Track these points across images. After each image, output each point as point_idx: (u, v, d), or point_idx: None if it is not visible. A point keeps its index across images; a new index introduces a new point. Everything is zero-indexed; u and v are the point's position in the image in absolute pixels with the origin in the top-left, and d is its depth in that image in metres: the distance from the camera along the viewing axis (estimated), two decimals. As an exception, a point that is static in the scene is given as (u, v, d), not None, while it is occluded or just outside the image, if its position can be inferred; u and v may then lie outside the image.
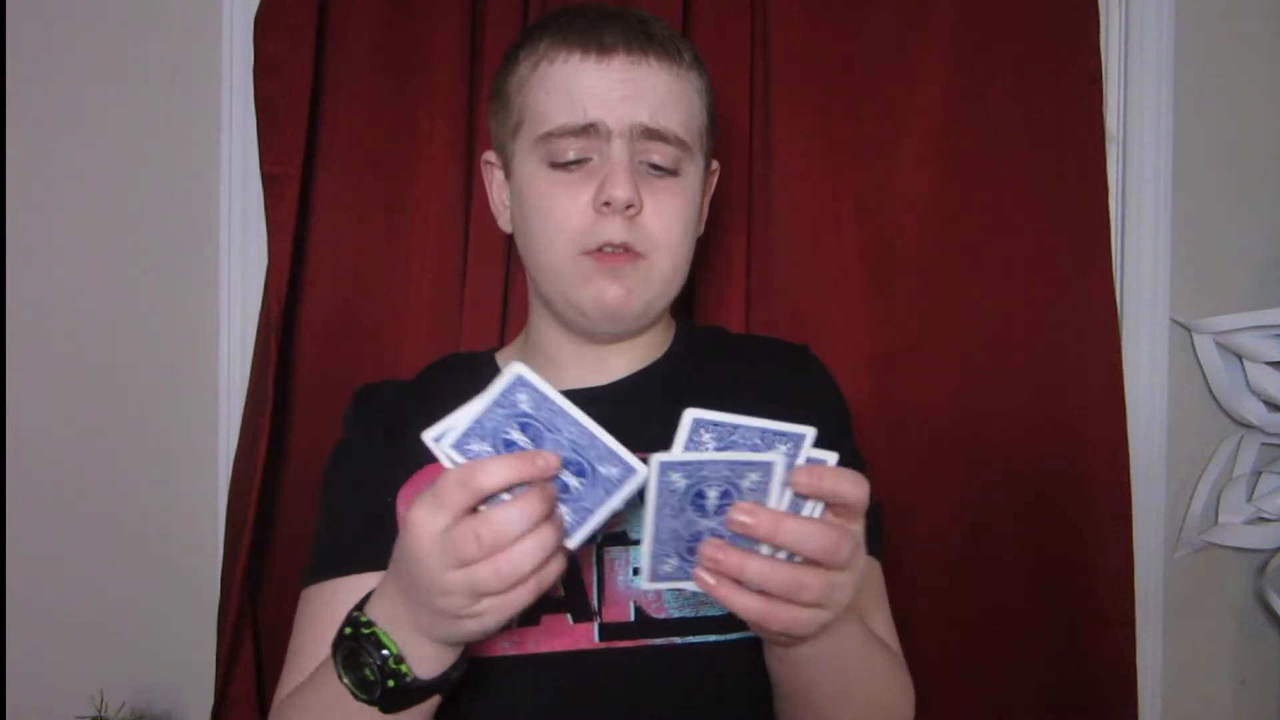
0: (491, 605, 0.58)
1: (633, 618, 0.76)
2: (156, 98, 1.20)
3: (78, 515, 1.17)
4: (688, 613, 0.76)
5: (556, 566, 0.59)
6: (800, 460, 0.59)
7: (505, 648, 0.75)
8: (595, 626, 0.75)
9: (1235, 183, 1.28)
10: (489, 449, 0.59)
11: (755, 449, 0.59)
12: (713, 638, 0.76)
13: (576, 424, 0.58)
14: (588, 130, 0.78)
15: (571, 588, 0.76)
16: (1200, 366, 1.28)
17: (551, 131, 0.79)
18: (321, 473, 0.88)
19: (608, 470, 0.59)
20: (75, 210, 1.17)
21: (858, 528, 0.61)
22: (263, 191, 1.13)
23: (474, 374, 0.89)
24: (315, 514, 0.87)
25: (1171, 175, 1.26)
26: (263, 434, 1.09)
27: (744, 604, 0.59)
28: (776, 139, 1.17)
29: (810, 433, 0.59)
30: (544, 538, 0.57)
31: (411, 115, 1.16)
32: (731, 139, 1.17)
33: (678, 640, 0.76)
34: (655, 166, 0.80)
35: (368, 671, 0.64)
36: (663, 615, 0.76)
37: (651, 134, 0.79)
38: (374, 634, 0.64)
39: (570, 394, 0.82)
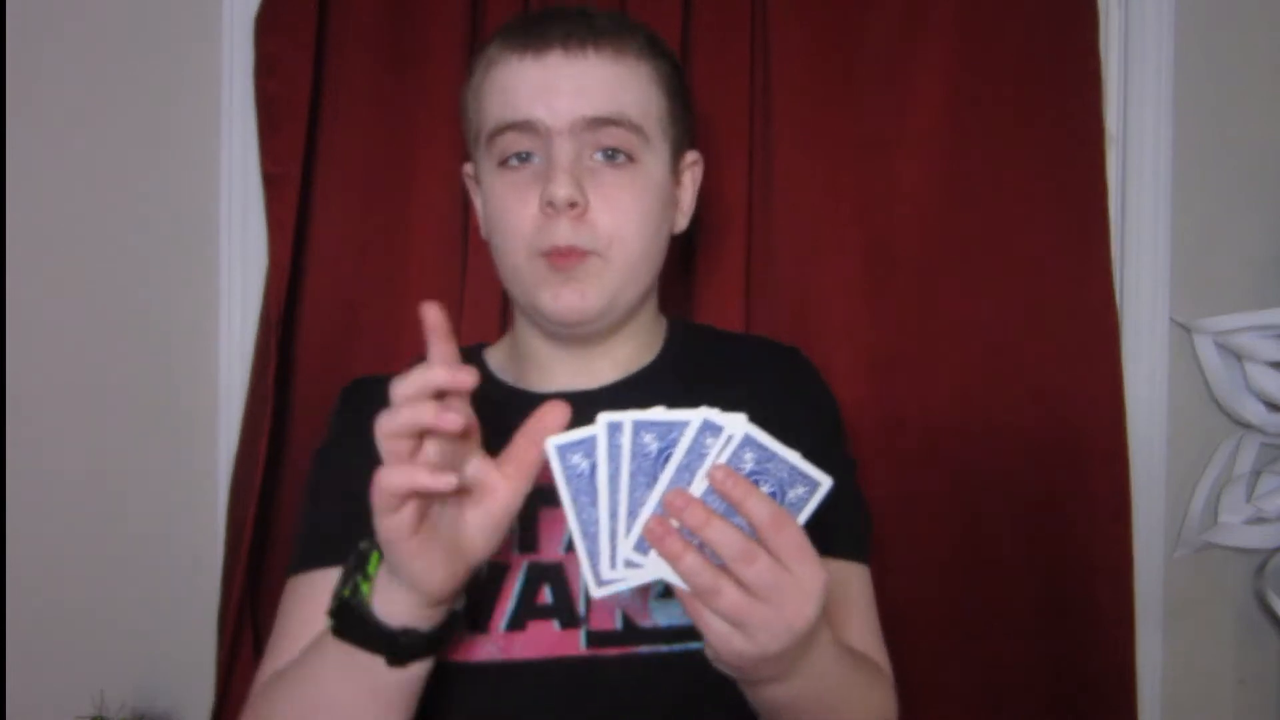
0: (387, 477, 0.58)
1: (619, 625, 0.75)
2: (156, 97, 1.20)
3: (78, 515, 1.17)
4: (675, 621, 0.75)
5: (426, 478, 0.57)
6: (812, 505, 0.61)
7: (491, 653, 0.75)
8: (582, 633, 0.75)
9: (1235, 183, 1.28)
10: (656, 447, 0.60)
11: (780, 482, 0.60)
12: (699, 645, 0.76)
13: (769, 453, 0.59)
14: (525, 127, 0.77)
15: (559, 594, 0.76)
16: (1200, 366, 1.28)
17: (492, 130, 0.79)
18: (309, 467, 0.87)
19: (795, 493, 0.61)
20: (75, 210, 1.16)
21: (802, 579, 0.59)
22: (263, 191, 1.13)
23: None
24: (301, 506, 0.86)
25: (1171, 175, 1.26)
26: (263, 434, 1.09)
27: (692, 563, 0.58)
28: (776, 139, 1.17)
29: (828, 483, 0.60)
30: (421, 409, 0.57)
31: (411, 115, 1.16)
32: (731, 139, 1.17)
33: (664, 648, 0.75)
34: (610, 156, 0.79)
35: (344, 576, 0.66)
36: (649, 623, 0.75)
37: (599, 122, 0.77)
38: (368, 552, 0.66)
39: (560, 396, 0.82)
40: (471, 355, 0.92)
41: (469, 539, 0.63)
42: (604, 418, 0.59)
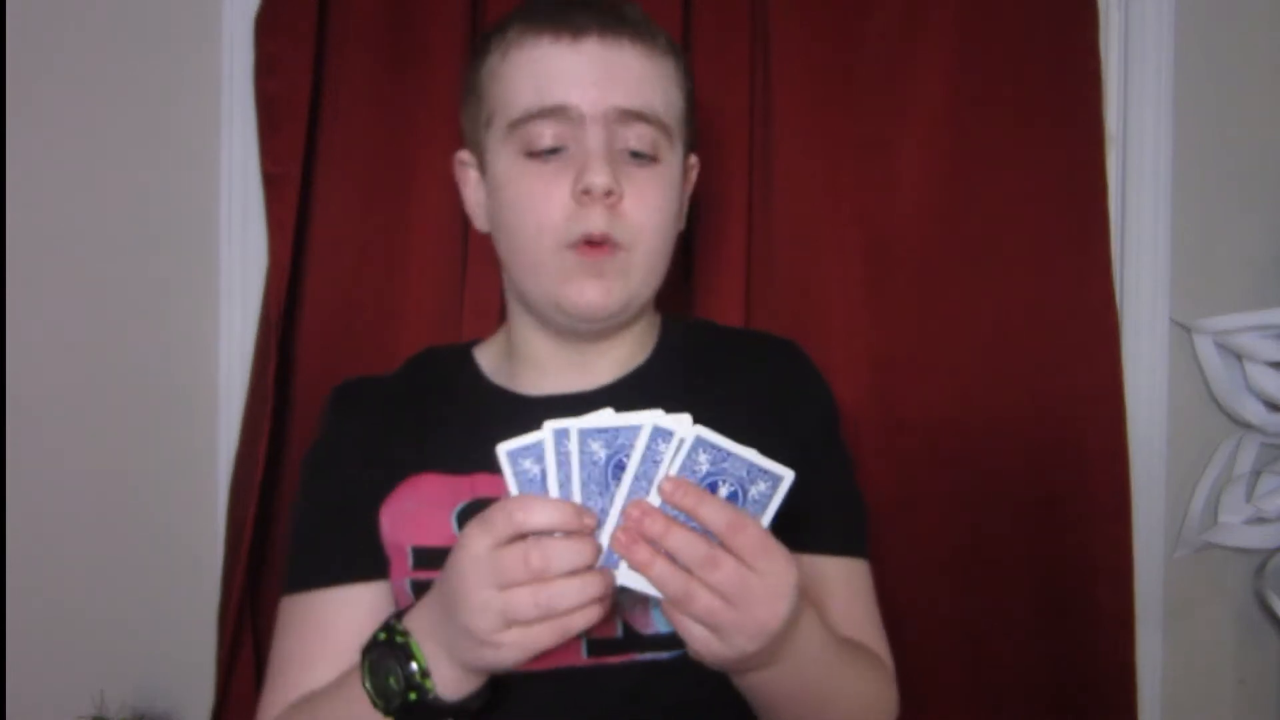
0: (516, 638, 0.59)
1: (620, 633, 0.75)
2: (156, 97, 1.20)
3: (78, 515, 1.17)
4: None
5: (585, 616, 0.60)
6: (776, 500, 0.61)
7: None
8: (584, 643, 0.74)
9: (1235, 183, 1.28)
10: (604, 455, 0.60)
11: (740, 480, 0.60)
12: None
13: (725, 453, 0.60)
14: (558, 113, 0.75)
15: None
16: (1200, 366, 1.28)
17: (521, 117, 0.76)
18: (299, 472, 0.86)
19: (757, 489, 0.61)
20: (75, 210, 1.16)
21: (770, 578, 0.60)
22: (263, 191, 1.13)
23: (455, 372, 0.88)
24: (292, 517, 0.85)
25: (1171, 175, 1.26)
26: (263, 434, 1.09)
27: (661, 572, 0.59)
28: (776, 139, 1.17)
29: (789, 476, 0.60)
30: (586, 584, 0.59)
31: (411, 114, 1.16)
32: (731, 139, 1.17)
33: (665, 655, 0.75)
34: (635, 155, 0.78)
35: (391, 680, 0.65)
36: (650, 630, 0.75)
37: (630, 115, 0.76)
38: (406, 644, 0.65)
39: (556, 400, 0.82)
40: (461, 354, 0.91)
41: None
42: (550, 425, 0.60)
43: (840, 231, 1.18)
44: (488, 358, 0.89)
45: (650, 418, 0.59)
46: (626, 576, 0.60)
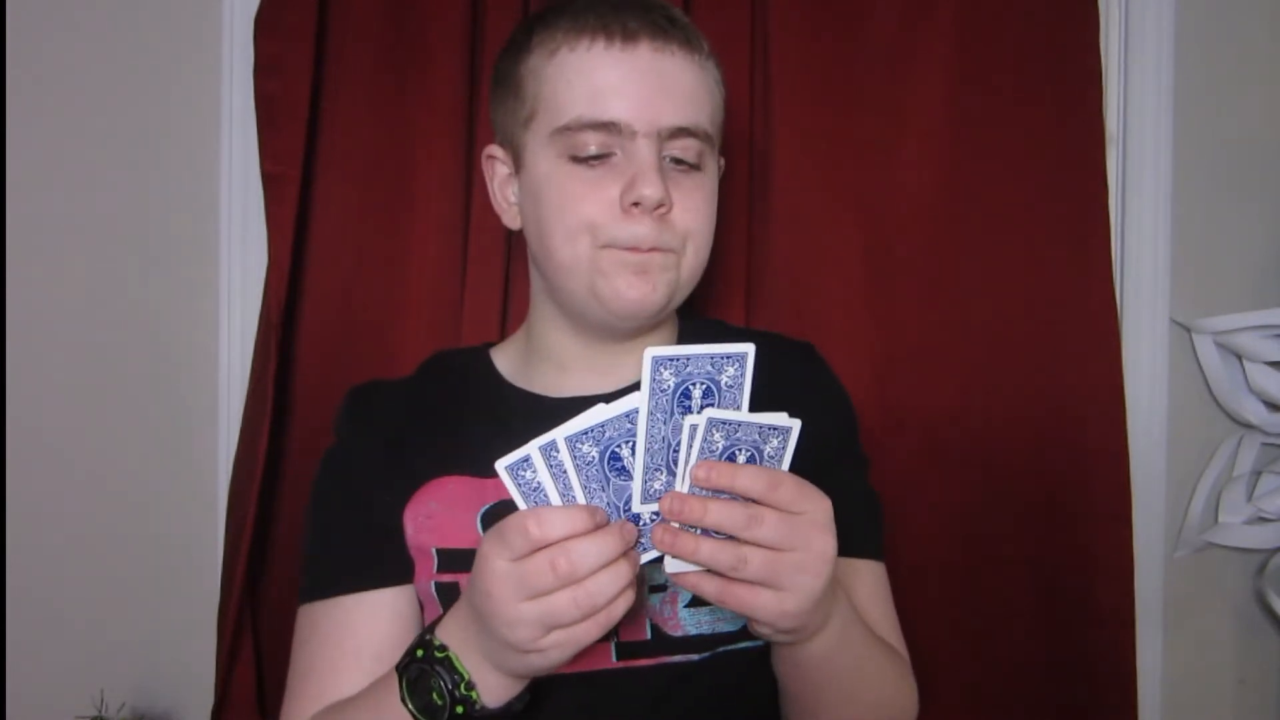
0: (559, 639, 0.60)
1: (649, 636, 0.76)
2: (157, 97, 1.20)
3: (78, 515, 1.17)
4: (704, 630, 0.76)
5: (624, 602, 0.60)
6: (789, 450, 0.63)
7: None
8: (613, 646, 0.75)
9: (1235, 183, 1.28)
10: (596, 453, 0.61)
11: (754, 444, 0.62)
12: (730, 648, 0.77)
13: (734, 423, 0.61)
14: (609, 127, 0.75)
15: None
16: (1200, 366, 1.28)
17: (570, 124, 0.75)
18: (314, 480, 0.86)
19: (771, 446, 0.62)
20: (75, 210, 1.17)
21: (811, 514, 0.61)
22: (263, 191, 1.13)
23: (473, 374, 0.88)
24: (308, 524, 0.85)
25: (1171, 175, 1.26)
26: (263, 434, 1.09)
27: (710, 550, 0.60)
28: (776, 139, 1.17)
29: (796, 425, 0.62)
30: (619, 573, 0.59)
31: (411, 114, 1.16)
32: (731, 139, 1.17)
33: (694, 657, 0.76)
34: (678, 161, 0.78)
35: (435, 696, 0.64)
36: (679, 633, 0.76)
37: (679, 131, 0.77)
38: (447, 658, 0.65)
39: (579, 401, 0.81)
40: (477, 357, 0.91)
41: None
42: (535, 443, 0.60)
43: (840, 232, 1.18)
44: (505, 360, 0.89)
45: (631, 401, 0.61)
46: (673, 564, 0.62)
